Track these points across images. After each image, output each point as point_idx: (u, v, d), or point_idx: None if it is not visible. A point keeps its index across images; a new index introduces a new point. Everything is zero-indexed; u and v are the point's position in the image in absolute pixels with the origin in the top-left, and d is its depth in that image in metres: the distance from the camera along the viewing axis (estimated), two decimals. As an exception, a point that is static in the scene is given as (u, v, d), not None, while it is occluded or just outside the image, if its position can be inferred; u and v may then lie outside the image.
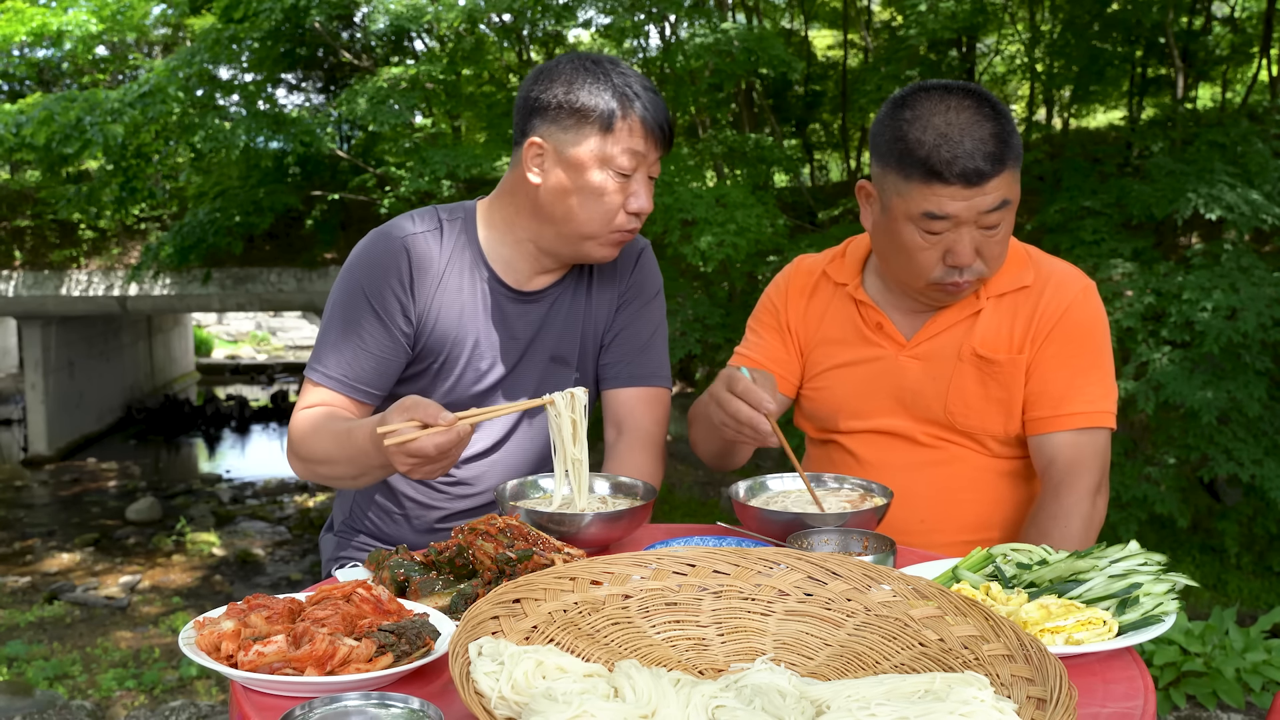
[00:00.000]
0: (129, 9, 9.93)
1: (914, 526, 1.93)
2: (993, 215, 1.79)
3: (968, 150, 1.74)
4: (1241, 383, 5.14)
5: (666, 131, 1.85)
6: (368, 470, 1.72)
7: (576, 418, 1.68)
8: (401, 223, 1.93)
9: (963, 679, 1.00)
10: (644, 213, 1.86)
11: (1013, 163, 1.79)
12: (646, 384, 2.02)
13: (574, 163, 1.81)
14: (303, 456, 1.83)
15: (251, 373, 20.10)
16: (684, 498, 8.20)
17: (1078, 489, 1.84)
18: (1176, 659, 4.16)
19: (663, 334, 2.08)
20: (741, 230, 6.19)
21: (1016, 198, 1.82)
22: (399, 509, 2.03)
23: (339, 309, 1.89)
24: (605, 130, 1.80)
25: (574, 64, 1.85)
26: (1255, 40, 8.52)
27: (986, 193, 1.76)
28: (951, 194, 1.76)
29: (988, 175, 1.75)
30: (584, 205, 1.82)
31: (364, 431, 1.66)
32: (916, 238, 1.83)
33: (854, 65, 9.74)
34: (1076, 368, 1.89)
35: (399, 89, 7.91)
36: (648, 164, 1.85)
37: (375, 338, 1.87)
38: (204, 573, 8.42)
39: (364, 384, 1.87)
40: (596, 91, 1.81)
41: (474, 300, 1.92)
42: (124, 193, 9.76)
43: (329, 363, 1.87)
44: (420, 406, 1.54)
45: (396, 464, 1.56)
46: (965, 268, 1.83)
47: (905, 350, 1.97)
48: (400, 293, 1.87)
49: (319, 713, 1.02)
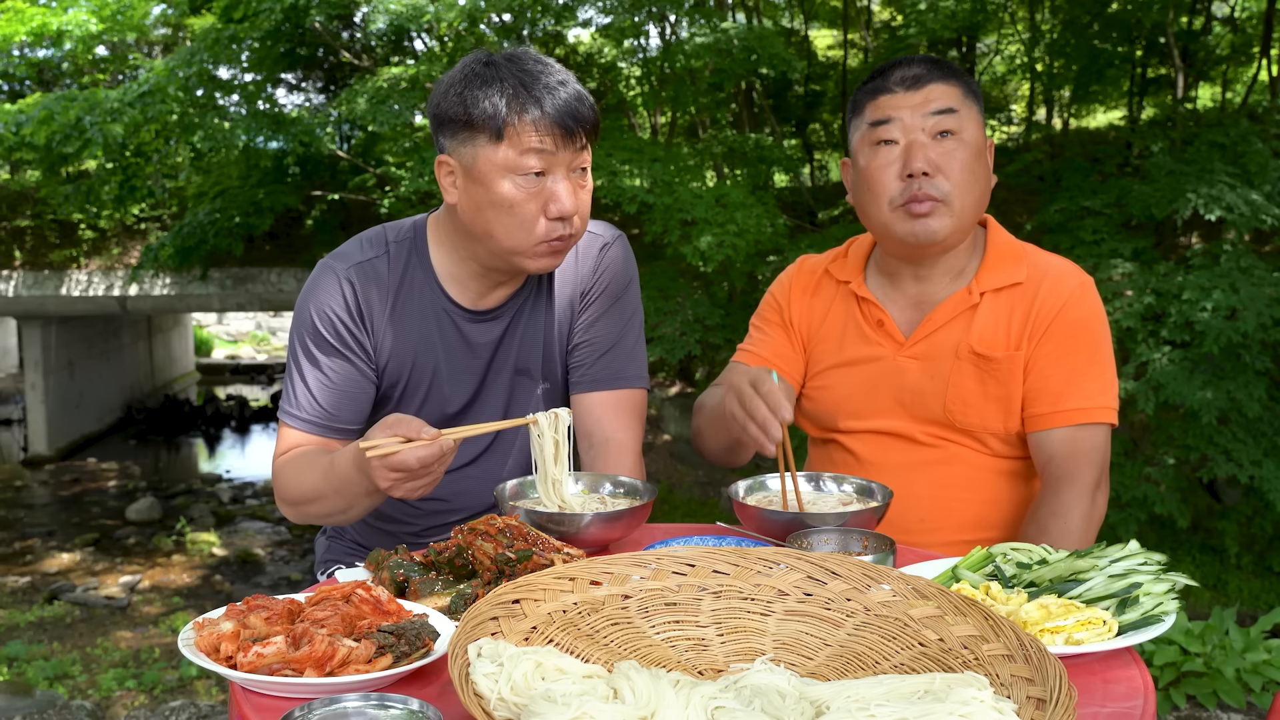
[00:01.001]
0: (129, 9, 9.92)
1: (914, 525, 1.93)
2: (942, 119, 1.86)
3: (905, 61, 1.91)
4: (1241, 383, 5.14)
5: (578, 120, 1.70)
6: (355, 500, 1.68)
7: (559, 438, 1.66)
8: (348, 251, 1.87)
9: (962, 679, 1.00)
10: (569, 214, 1.72)
11: (963, 86, 1.89)
12: (612, 387, 1.94)
13: (478, 177, 1.71)
14: (290, 500, 1.79)
15: (251, 373, 20.08)
16: (684, 498, 8.20)
17: (1077, 485, 1.84)
18: (1176, 659, 4.16)
19: (635, 331, 1.98)
20: (741, 231, 6.19)
21: (972, 125, 1.89)
22: (377, 521, 2.01)
23: (299, 349, 1.85)
24: (497, 138, 1.68)
25: (466, 69, 1.73)
26: (1255, 40, 8.52)
27: (930, 96, 1.87)
28: (895, 99, 1.89)
29: (926, 80, 1.87)
30: (499, 220, 1.72)
31: (346, 457, 1.63)
32: (874, 158, 1.90)
33: (854, 65, 9.75)
34: (1074, 363, 1.89)
35: (399, 89, 7.91)
36: (563, 161, 1.71)
37: (339, 373, 1.83)
38: (204, 573, 8.41)
39: (337, 421, 1.83)
40: (485, 96, 1.68)
41: (429, 325, 1.86)
42: (123, 191, 9.76)
43: (300, 404, 1.83)
44: (403, 423, 1.52)
45: (379, 480, 1.53)
46: (924, 178, 1.85)
47: (904, 350, 1.97)
48: (353, 326, 1.82)
49: (318, 714, 1.02)
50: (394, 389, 1.88)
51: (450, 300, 1.87)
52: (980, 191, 1.91)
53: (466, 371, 1.90)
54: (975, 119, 1.90)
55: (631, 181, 6.37)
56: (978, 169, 1.89)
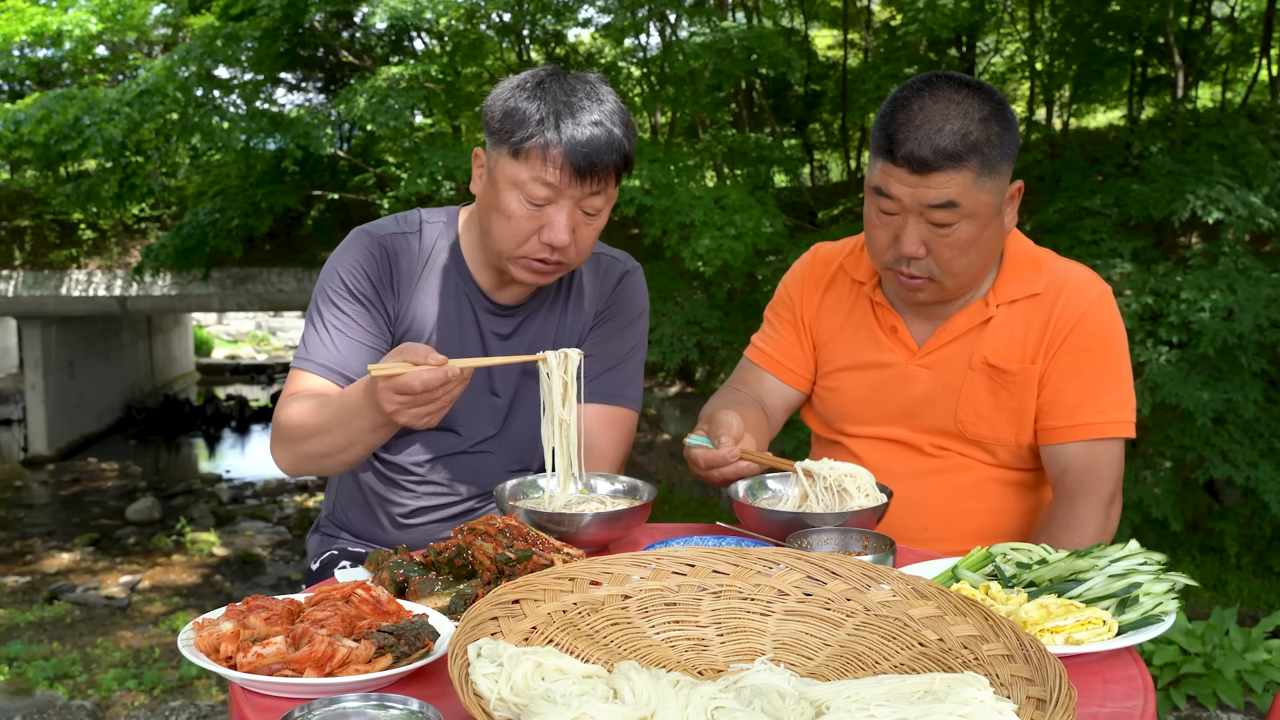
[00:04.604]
0: (129, 9, 9.93)
1: (917, 534, 1.92)
2: (938, 213, 1.74)
3: (920, 137, 1.72)
4: (1237, 384, 5.14)
5: (594, 165, 1.70)
6: (359, 434, 1.68)
7: (568, 379, 1.67)
8: (383, 223, 1.94)
9: (962, 679, 1.00)
10: (560, 246, 1.74)
11: (975, 167, 1.73)
12: (608, 401, 1.95)
13: (494, 180, 1.77)
14: (289, 437, 1.79)
15: (251, 373, 20.08)
16: (684, 498, 8.20)
17: (1091, 499, 1.81)
18: (1176, 659, 4.16)
19: (638, 359, 2.03)
20: (740, 234, 6.19)
21: (979, 206, 1.75)
22: (368, 502, 2.02)
23: (320, 301, 1.89)
24: (515, 155, 1.72)
25: (523, 79, 1.77)
26: (1255, 40, 8.52)
27: (931, 185, 1.73)
28: (898, 176, 1.75)
29: (932, 167, 1.72)
30: (497, 223, 1.77)
31: (356, 388, 1.65)
32: (872, 213, 1.83)
33: (854, 65, 9.75)
34: (1091, 377, 1.86)
35: (399, 88, 7.91)
36: (570, 196, 1.73)
37: (362, 325, 1.86)
38: (204, 573, 8.41)
39: (350, 370, 1.84)
40: (520, 112, 1.72)
41: (450, 306, 1.91)
42: (122, 189, 9.76)
43: (316, 353, 1.85)
44: (412, 349, 1.54)
45: (384, 402, 1.54)
46: (911, 259, 1.80)
47: (915, 359, 1.95)
48: (378, 285, 1.87)
49: (318, 714, 1.02)
50: None
51: (475, 285, 1.91)
52: (985, 254, 1.83)
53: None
54: (986, 196, 1.76)
55: (630, 182, 6.37)
56: (983, 237, 1.79)
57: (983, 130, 1.73)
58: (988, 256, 1.84)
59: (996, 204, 1.79)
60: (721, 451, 1.73)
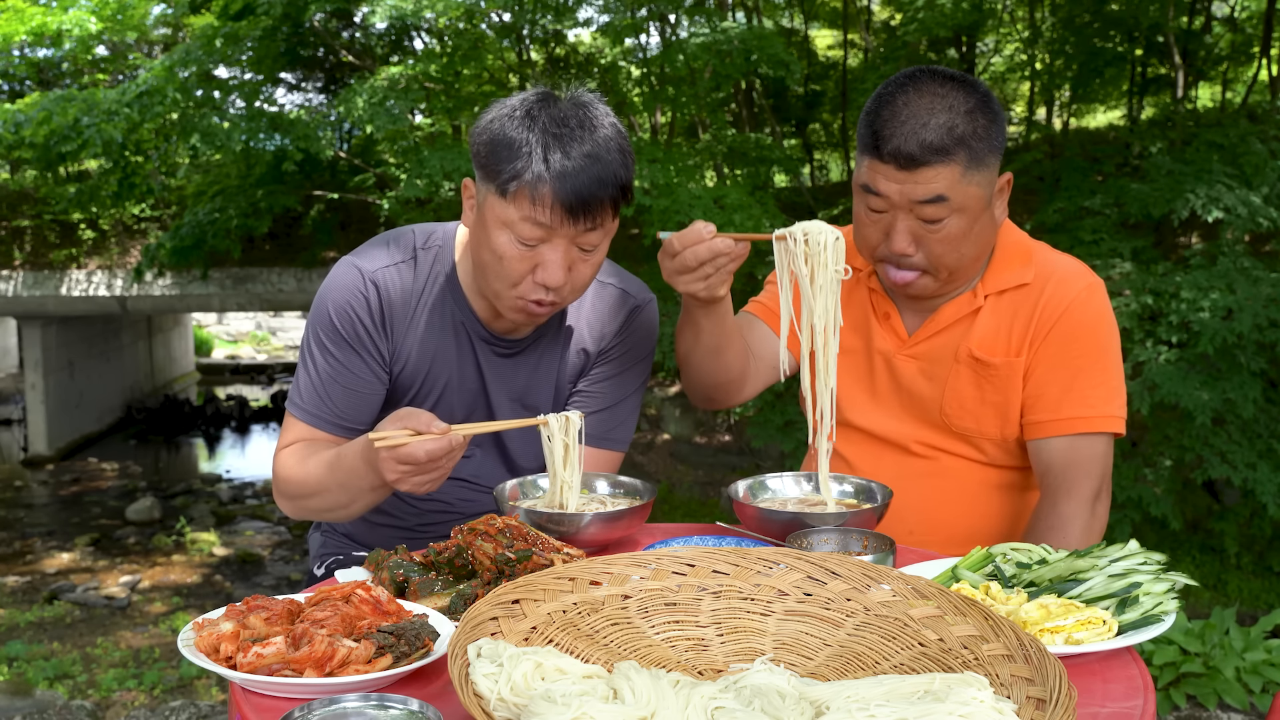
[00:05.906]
0: (129, 9, 9.92)
1: (902, 538, 1.90)
2: (927, 208, 1.73)
3: (905, 132, 1.71)
4: (1236, 384, 5.14)
5: (588, 205, 1.60)
6: (358, 495, 1.67)
7: (569, 441, 1.65)
8: (373, 253, 1.83)
9: (962, 679, 1.00)
10: (555, 287, 1.66)
11: (963, 160, 1.72)
12: (595, 445, 1.88)
13: (484, 218, 1.67)
14: (290, 493, 1.77)
15: (251, 373, 20.07)
16: (684, 498, 8.20)
17: (1075, 496, 1.80)
18: (1176, 659, 4.16)
19: (636, 400, 1.96)
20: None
21: (968, 200, 1.74)
22: (372, 514, 1.99)
23: (313, 343, 1.82)
24: (502, 193, 1.62)
25: (510, 108, 1.66)
26: (1255, 40, 8.52)
27: (919, 180, 1.71)
28: (886, 173, 1.74)
29: (919, 162, 1.70)
30: (489, 264, 1.68)
31: (354, 449, 1.63)
32: (861, 211, 1.82)
33: (854, 65, 9.75)
34: (1075, 369, 1.84)
35: (398, 88, 7.90)
36: (564, 236, 1.63)
37: (354, 372, 1.81)
38: (204, 572, 8.41)
39: (344, 419, 1.81)
40: (507, 145, 1.61)
41: (447, 339, 1.84)
42: (122, 189, 9.75)
43: (310, 401, 1.81)
44: (414, 416, 1.51)
45: (386, 472, 1.52)
46: (903, 256, 1.78)
47: (904, 348, 1.95)
48: (372, 329, 1.80)
49: (318, 714, 1.02)
50: (405, 395, 1.88)
51: (473, 314, 1.84)
52: (977, 247, 1.82)
53: (474, 395, 1.90)
54: (975, 190, 1.75)
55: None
56: (974, 230, 1.78)
57: (969, 123, 1.73)
58: (980, 250, 1.83)
59: (986, 197, 1.78)
60: (695, 226, 1.62)
